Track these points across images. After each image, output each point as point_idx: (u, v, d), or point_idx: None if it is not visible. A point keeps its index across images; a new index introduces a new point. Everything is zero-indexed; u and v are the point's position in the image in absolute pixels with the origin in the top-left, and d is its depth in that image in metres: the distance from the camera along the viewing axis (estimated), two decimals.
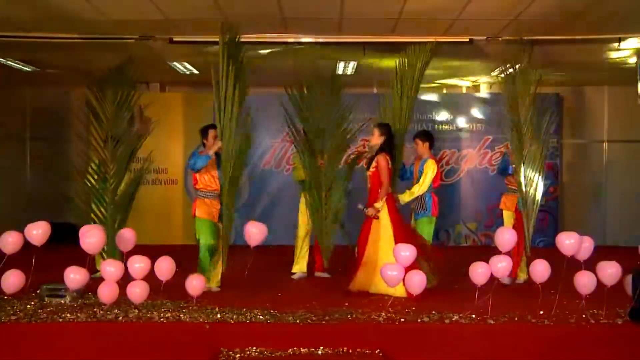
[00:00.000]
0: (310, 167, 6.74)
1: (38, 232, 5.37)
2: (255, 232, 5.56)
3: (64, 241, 6.10)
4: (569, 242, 5.26)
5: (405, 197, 6.36)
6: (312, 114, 6.79)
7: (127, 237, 5.66)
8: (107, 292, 5.16)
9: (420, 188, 6.32)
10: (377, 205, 6.02)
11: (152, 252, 5.46)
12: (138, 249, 5.51)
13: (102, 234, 5.39)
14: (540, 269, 5.21)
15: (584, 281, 5.10)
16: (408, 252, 5.43)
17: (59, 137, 9.86)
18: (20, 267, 5.34)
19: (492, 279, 5.20)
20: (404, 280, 5.42)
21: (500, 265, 5.20)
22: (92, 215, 6.22)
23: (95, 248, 5.37)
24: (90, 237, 5.28)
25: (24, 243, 5.37)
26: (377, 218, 6.05)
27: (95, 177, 6.35)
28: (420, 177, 6.38)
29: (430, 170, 6.32)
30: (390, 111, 6.65)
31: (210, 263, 6.07)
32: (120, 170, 6.46)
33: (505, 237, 5.47)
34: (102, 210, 6.27)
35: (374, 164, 6.12)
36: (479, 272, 5.17)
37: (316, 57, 7.34)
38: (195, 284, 5.31)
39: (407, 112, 6.63)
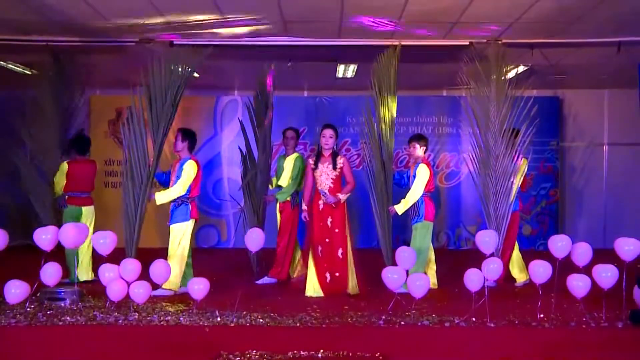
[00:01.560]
0: (251, 169, 6.85)
1: (47, 237, 5.37)
2: (253, 239, 5.55)
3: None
4: (561, 244, 5.27)
5: (400, 208, 6.27)
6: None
7: (107, 240, 5.52)
8: (115, 290, 5.16)
9: (414, 195, 6.24)
10: (342, 196, 6.06)
11: (153, 255, 5.47)
12: (138, 253, 5.51)
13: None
14: (541, 270, 5.20)
15: (577, 284, 5.07)
16: (408, 253, 5.46)
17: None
18: (18, 272, 5.34)
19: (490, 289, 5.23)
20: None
21: (492, 267, 5.20)
22: None
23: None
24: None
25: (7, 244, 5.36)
26: (335, 206, 6.07)
27: None
28: (414, 180, 6.33)
29: (421, 174, 6.24)
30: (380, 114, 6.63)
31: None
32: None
33: (486, 239, 5.47)
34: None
35: (339, 165, 6.12)
36: (472, 279, 5.18)
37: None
38: (198, 288, 5.27)
39: (390, 115, 6.55)
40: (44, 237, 5.35)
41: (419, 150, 6.42)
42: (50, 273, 5.28)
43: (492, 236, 5.52)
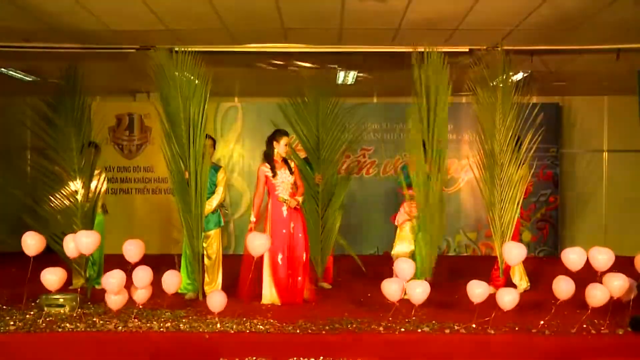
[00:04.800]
0: (305, 180, 6.78)
1: (32, 242, 5.43)
2: (258, 244, 5.55)
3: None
4: (574, 257, 5.21)
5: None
6: (305, 125, 6.89)
7: (134, 248, 5.55)
8: (115, 299, 5.22)
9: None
10: (299, 198, 6.16)
11: (153, 261, 5.46)
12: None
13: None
14: (565, 287, 5.13)
15: (597, 294, 5.04)
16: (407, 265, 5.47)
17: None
18: (20, 278, 5.34)
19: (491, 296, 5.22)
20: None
21: (507, 299, 5.11)
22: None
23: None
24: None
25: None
26: (297, 208, 6.15)
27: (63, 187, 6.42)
28: None
29: None
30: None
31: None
32: (85, 179, 6.51)
33: (514, 251, 5.48)
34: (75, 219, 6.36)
35: (293, 169, 6.22)
36: (477, 293, 5.16)
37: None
38: (217, 300, 5.24)
39: (437, 122, 6.20)
40: (29, 242, 5.41)
41: None
42: (53, 280, 5.29)
43: (521, 248, 5.48)
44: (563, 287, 5.11)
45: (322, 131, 6.87)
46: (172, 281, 5.37)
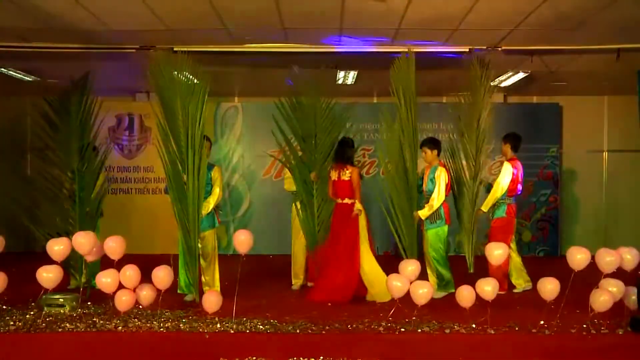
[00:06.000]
0: (300, 178, 6.83)
1: (59, 248, 5.41)
2: (242, 240, 5.56)
3: None
4: (580, 256, 5.20)
5: (425, 212, 6.36)
6: (302, 124, 6.92)
7: (114, 244, 5.54)
8: (123, 300, 5.22)
9: (438, 199, 6.33)
10: None
11: (153, 262, 5.47)
12: (137, 259, 5.51)
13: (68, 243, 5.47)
14: (550, 287, 5.17)
15: (601, 299, 5.07)
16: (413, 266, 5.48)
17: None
18: (23, 278, 5.34)
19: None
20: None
21: (487, 289, 5.15)
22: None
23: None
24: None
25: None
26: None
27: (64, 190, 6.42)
28: (430, 185, 6.42)
29: (441, 178, 6.35)
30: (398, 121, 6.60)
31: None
32: (90, 181, 6.52)
33: (495, 252, 5.49)
34: (71, 221, 6.35)
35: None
36: (465, 295, 5.17)
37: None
38: (212, 301, 5.26)
39: (412, 121, 6.47)
40: (56, 248, 5.39)
41: (431, 155, 6.54)
42: (50, 278, 5.28)
43: (503, 249, 5.56)
44: (547, 288, 5.16)
45: (318, 130, 6.91)
46: (163, 277, 5.34)
